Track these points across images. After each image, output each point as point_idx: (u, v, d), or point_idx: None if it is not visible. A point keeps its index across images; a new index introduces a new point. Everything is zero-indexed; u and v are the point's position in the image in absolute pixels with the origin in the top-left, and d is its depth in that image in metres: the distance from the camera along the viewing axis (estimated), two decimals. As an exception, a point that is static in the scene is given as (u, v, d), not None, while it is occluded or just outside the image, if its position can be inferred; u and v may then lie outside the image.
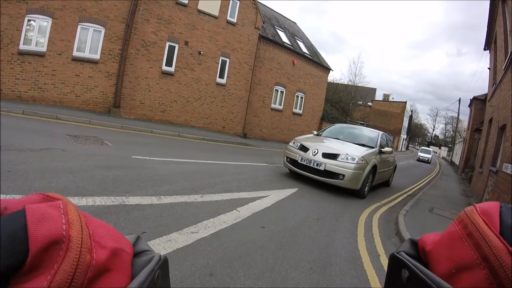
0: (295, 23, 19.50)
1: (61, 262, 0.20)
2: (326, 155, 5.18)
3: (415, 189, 8.26)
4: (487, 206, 0.27)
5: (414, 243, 0.31)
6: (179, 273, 1.90)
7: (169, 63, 10.34)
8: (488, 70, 11.52)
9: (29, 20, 7.62)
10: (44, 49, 7.88)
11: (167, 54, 10.20)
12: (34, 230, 0.20)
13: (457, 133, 33.79)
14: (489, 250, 0.23)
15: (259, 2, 13.44)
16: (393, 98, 46.36)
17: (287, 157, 5.78)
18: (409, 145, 55.26)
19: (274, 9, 17.80)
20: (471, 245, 0.24)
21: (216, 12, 11.22)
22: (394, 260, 0.29)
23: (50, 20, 7.87)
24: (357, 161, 5.01)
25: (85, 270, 0.21)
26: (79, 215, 0.23)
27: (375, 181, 5.85)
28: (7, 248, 0.18)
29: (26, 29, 7.61)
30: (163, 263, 0.28)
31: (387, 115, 39.25)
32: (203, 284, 1.84)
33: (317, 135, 6.70)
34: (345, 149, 5.31)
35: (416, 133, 65.60)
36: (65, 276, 0.20)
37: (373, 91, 46.58)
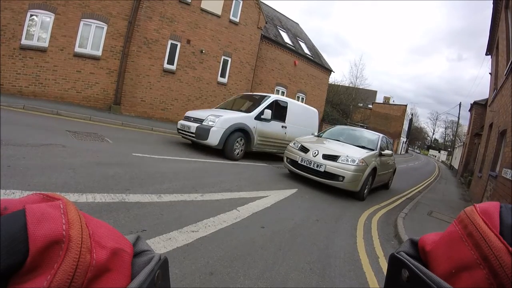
0: (297, 24, 19.51)
1: (61, 262, 0.20)
2: (326, 157, 5.18)
3: (414, 192, 8.27)
4: (487, 206, 0.27)
5: (414, 243, 0.31)
6: (179, 271, 1.90)
7: (170, 61, 10.33)
8: (489, 75, 11.54)
9: (31, 15, 7.60)
10: (46, 44, 7.87)
11: (169, 52, 10.20)
12: (34, 230, 0.20)
13: (456, 137, 33.84)
14: (489, 250, 0.23)
15: (262, 2, 13.44)
16: (393, 101, 46.39)
17: (287, 158, 5.78)
18: (409, 148, 55.37)
19: (277, 10, 17.81)
20: (471, 245, 0.24)
21: (219, 11, 11.22)
22: (394, 260, 0.30)
23: (52, 16, 7.86)
24: (357, 163, 5.01)
25: (85, 270, 0.21)
26: (79, 215, 0.23)
27: (374, 184, 5.85)
28: (7, 248, 0.18)
29: (28, 24, 7.60)
30: (163, 263, 0.28)
31: (387, 117, 39.29)
32: (203, 284, 1.84)
33: (318, 136, 6.71)
34: (346, 151, 5.31)
35: (416, 137, 65.71)
36: (65, 276, 0.20)
37: (373, 93, 46.64)
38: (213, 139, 5.86)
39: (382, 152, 5.95)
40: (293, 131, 7.61)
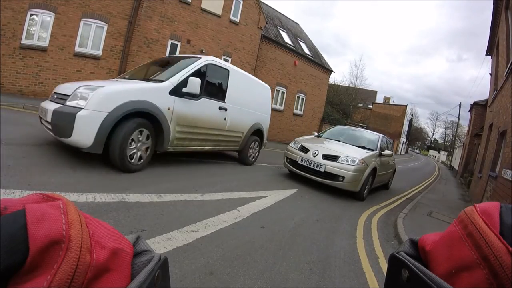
0: (297, 24, 19.51)
1: (61, 262, 0.20)
2: (326, 157, 5.19)
3: (413, 192, 8.27)
4: (487, 206, 0.27)
5: (414, 243, 0.31)
6: (179, 271, 1.90)
7: (171, 61, 10.32)
8: (490, 75, 11.55)
9: (31, 15, 7.60)
10: (46, 44, 7.87)
11: (169, 52, 10.20)
12: (34, 230, 0.20)
13: (456, 138, 33.84)
14: (489, 250, 0.23)
15: (262, 2, 13.44)
16: (393, 101, 46.37)
17: (287, 158, 5.78)
18: (409, 148, 55.39)
19: (277, 10, 17.81)
20: (471, 245, 0.24)
21: (219, 11, 11.22)
22: (394, 260, 0.30)
23: (53, 15, 7.86)
24: (357, 163, 5.02)
25: (85, 270, 0.21)
26: (79, 215, 0.23)
27: (374, 184, 5.86)
28: (7, 248, 0.19)
29: (28, 23, 7.59)
30: (163, 263, 0.28)
31: (387, 118, 39.29)
32: (203, 283, 1.84)
33: (318, 136, 6.71)
34: (346, 151, 5.31)
35: (416, 137, 65.72)
36: (65, 276, 0.20)
37: (373, 93, 46.61)
38: (82, 133, 3.13)
39: (382, 152, 5.95)
40: (237, 116, 5.18)
